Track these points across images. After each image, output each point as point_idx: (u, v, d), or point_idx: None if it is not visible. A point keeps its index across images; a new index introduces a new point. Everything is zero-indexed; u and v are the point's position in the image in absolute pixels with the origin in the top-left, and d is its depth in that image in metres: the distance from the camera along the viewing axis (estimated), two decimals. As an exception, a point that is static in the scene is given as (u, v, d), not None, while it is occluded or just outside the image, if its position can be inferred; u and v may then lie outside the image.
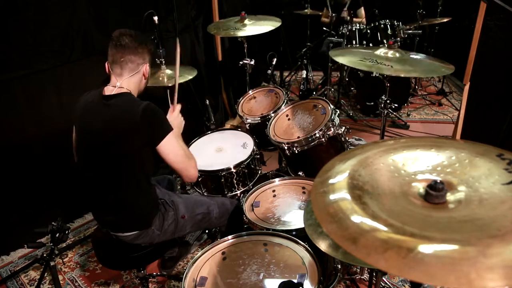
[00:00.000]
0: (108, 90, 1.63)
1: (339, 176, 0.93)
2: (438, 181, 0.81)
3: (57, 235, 1.66)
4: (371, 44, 3.88)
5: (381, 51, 2.14)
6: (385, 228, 0.74)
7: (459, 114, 2.81)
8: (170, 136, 1.61)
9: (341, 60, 2.18)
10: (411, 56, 2.17)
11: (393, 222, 0.76)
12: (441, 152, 0.95)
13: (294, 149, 2.17)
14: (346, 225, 0.78)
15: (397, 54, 2.11)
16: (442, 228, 0.74)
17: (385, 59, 2.05)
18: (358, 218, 0.78)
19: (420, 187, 0.85)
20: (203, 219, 1.89)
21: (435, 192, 0.80)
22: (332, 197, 0.87)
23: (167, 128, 1.61)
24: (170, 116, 1.82)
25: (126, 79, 1.65)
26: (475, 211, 0.76)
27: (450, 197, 0.82)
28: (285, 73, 4.85)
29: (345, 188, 0.88)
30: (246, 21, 2.85)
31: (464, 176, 0.86)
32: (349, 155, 1.00)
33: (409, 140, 1.03)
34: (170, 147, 1.62)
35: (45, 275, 2.10)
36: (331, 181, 0.92)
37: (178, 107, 1.89)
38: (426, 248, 0.68)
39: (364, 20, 4.25)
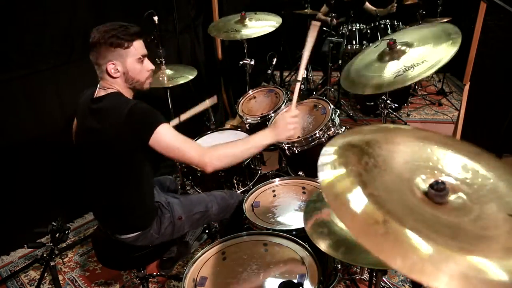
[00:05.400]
0: (98, 91, 1.60)
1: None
2: (440, 181, 0.82)
3: (57, 235, 1.66)
4: (371, 44, 3.86)
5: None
6: (366, 200, 0.77)
7: (459, 114, 2.81)
8: (160, 128, 1.47)
9: (372, 91, 1.84)
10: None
11: (380, 196, 0.78)
12: (472, 161, 0.93)
13: (294, 149, 2.17)
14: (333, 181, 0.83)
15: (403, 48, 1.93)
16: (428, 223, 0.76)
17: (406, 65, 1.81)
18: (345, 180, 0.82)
19: (425, 183, 0.86)
20: (202, 217, 1.87)
21: (435, 191, 0.81)
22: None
23: (156, 122, 1.48)
24: (282, 114, 1.61)
25: (103, 80, 1.60)
26: (467, 221, 0.77)
27: (451, 200, 0.82)
28: (285, 73, 4.85)
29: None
30: (246, 21, 2.85)
31: (478, 192, 0.86)
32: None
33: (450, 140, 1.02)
34: (163, 139, 1.48)
35: (45, 275, 2.09)
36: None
37: (294, 111, 1.68)
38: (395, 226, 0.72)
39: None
